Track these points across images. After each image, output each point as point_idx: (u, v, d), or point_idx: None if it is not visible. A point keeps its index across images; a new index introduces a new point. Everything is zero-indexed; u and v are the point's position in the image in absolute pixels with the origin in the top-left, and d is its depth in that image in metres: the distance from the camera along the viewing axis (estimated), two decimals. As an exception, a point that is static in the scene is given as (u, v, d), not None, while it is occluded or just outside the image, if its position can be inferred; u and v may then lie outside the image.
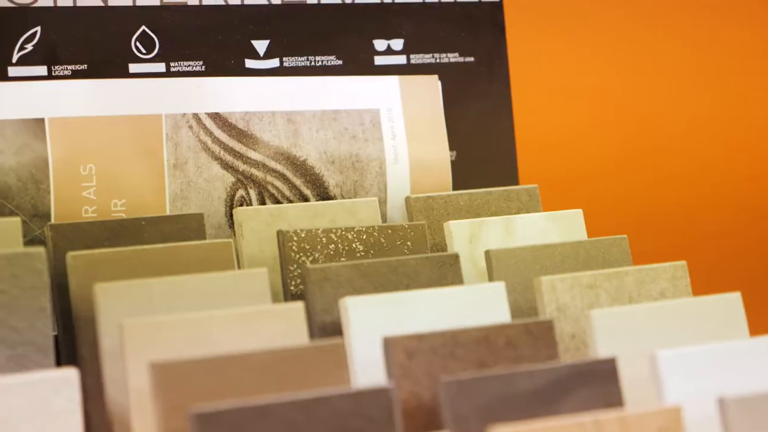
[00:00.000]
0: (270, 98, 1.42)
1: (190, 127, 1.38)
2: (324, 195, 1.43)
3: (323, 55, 1.47)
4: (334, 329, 1.19)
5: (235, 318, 1.10)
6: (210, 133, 1.39)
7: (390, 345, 1.06)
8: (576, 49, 1.70)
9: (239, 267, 1.32)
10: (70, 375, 1.00)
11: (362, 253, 1.31)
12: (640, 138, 1.73)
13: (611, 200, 1.69)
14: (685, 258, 1.29)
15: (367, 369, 1.12)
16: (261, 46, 1.45)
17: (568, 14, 1.71)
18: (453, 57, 1.54)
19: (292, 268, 1.28)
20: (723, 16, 1.78)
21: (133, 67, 1.40)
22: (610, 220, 1.61)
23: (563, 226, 1.41)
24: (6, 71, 1.36)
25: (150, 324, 1.07)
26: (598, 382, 1.04)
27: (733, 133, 1.77)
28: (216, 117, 1.39)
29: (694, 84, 1.75)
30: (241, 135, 1.40)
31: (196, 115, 1.38)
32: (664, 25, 1.75)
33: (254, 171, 1.40)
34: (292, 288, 1.28)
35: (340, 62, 1.48)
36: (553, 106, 1.69)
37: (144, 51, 1.41)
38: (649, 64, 1.74)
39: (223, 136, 1.39)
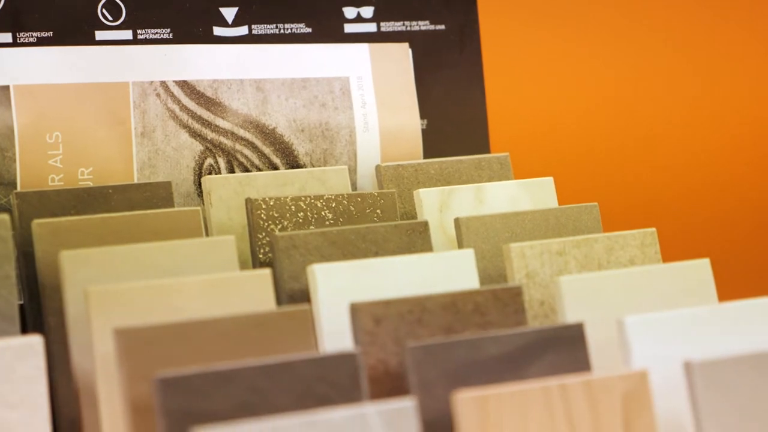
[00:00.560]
0: (238, 66, 1.41)
1: (158, 95, 1.37)
2: (293, 163, 1.42)
3: (292, 22, 1.46)
4: (303, 297, 1.18)
5: (202, 285, 1.09)
6: (178, 101, 1.38)
7: (357, 311, 1.06)
8: (548, 17, 1.69)
9: (208, 236, 1.31)
10: (35, 342, 0.99)
11: (331, 221, 1.30)
12: (611, 106, 1.72)
13: (583, 168, 1.69)
14: (656, 225, 1.29)
15: (334, 336, 1.12)
16: (229, 13, 1.44)
17: (540, -18, 1.70)
18: (424, 25, 1.53)
19: (260, 236, 1.27)
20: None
21: (100, 35, 1.39)
22: (581, 188, 1.61)
23: (534, 193, 1.40)
24: (-29, 39, 1.35)
25: (115, 291, 1.06)
26: (566, 348, 1.04)
27: (703, 99, 1.76)
28: (184, 85, 1.38)
29: (665, 51, 1.75)
30: (210, 103, 1.39)
31: (163, 83, 1.37)
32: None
33: (223, 139, 1.39)
34: (260, 256, 1.27)
35: (309, 30, 1.47)
36: (525, 74, 1.68)
37: (110, 18, 1.39)
38: (620, 31, 1.73)
39: (191, 104, 1.38)
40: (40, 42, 1.36)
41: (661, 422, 1.02)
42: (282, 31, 1.47)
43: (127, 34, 1.40)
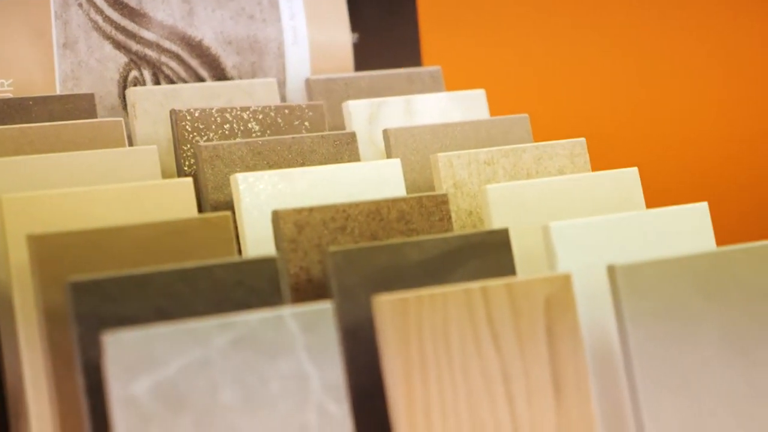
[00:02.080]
0: (163, -25, 1.38)
1: (80, 5, 1.33)
2: (221, 77, 1.39)
3: (219, -69, 1.43)
4: (227, 208, 1.16)
5: (121, 193, 1.07)
6: (101, 12, 1.34)
7: (278, 218, 1.04)
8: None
9: (132, 148, 1.28)
10: (-54, 250, 0.97)
11: (258, 134, 1.28)
12: (543, 18, 1.70)
13: (515, 81, 1.67)
14: (586, 135, 1.27)
15: (258, 246, 1.10)
16: None
17: None
18: (354, -64, 1.50)
19: (185, 149, 1.25)
20: None
21: (19, -57, 1.35)
22: (513, 101, 1.59)
23: (465, 106, 1.38)
24: None
25: (30, 198, 1.03)
26: (491, 254, 1.03)
27: (633, 8, 1.75)
28: (107, -6, 1.35)
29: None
30: (134, 14, 1.36)
31: (85, -7, 1.34)
32: None
33: (148, 51, 1.36)
34: (185, 169, 1.25)
35: (236, -61, 1.44)
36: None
37: (30, -75, 1.35)
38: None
39: (114, 15, 1.35)
40: (-44, -50, 1.32)
41: (587, 329, 1.02)
42: (208, -60, 1.43)
43: (47, -57, 1.36)
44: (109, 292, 0.89)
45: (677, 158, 1.74)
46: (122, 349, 0.83)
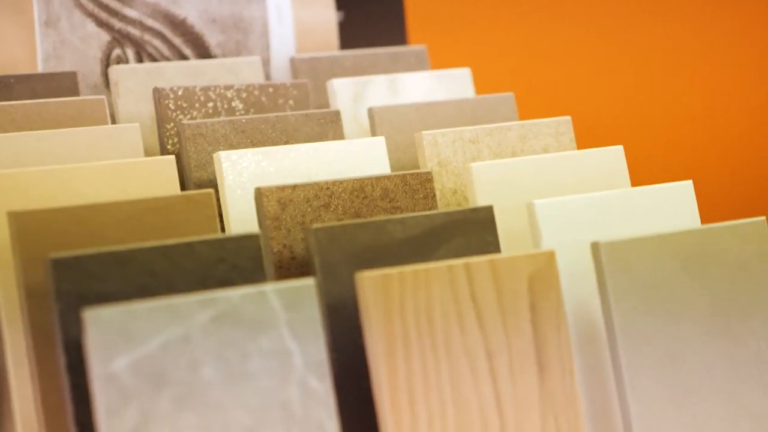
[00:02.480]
0: (146, -47, 1.37)
1: (62, -18, 1.33)
2: (205, 55, 1.39)
3: None
4: (210, 187, 1.15)
5: (103, 170, 1.06)
6: (83, -10, 1.33)
7: (261, 195, 1.03)
8: None
9: (115, 127, 1.28)
10: (-74, 228, 0.96)
11: (242, 112, 1.27)
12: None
13: (500, 60, 1.66)
14: (571, 114, 1.27)
15: (242, 225, 1.10)
16: None
17: None
18: None
19: (168, 127, 1.24)
20: None
21: None
22: (499, 80, 1.58)
23: (451, 85, 1.38)
24: None
25: (11, 175, 1.02)
26: (475, 231, 1.02)
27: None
28: (89, -28, 1.34)
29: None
30: (117, -9, 1.35)
31: (68, -30, 1.33)
32: None
33: (131, 29, 1.35)
34: (169, 147, 1.24)
35: None
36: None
37: None
38: None
39: (97, -7, 1.34)
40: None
41: (571, 306, 1.01)
42: None
43: None
44: (90, 269, 0.89)
45: (662, 137, 1.74)
46: (103, 325, 0.83)
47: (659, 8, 1.76)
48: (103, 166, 1.06)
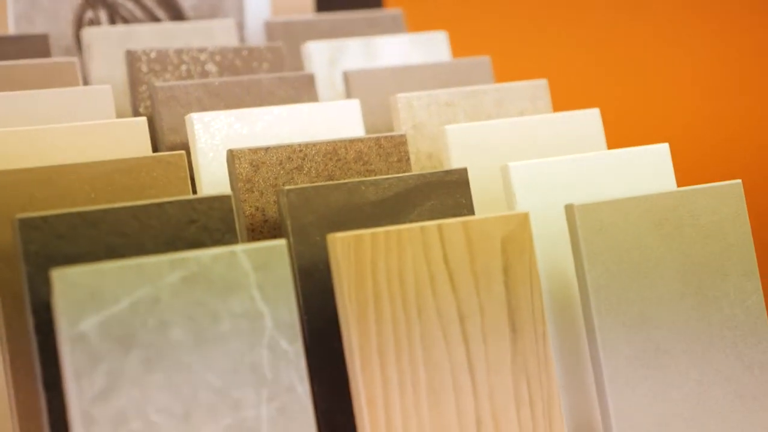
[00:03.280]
0: None
1: (34, -57, 1.31)
2: (179, 18, 1.37)
3: None
4: (183, 150, 1.14)
5: (74, 132, 1.05)
6: (55, -49, 1.32)
7: (234, 157, 1.02)
8: None
9: (87, 90, 1.26)
10: None
11: (216, 76, 1.26)
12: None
13: (476, 23, 1.65)
14: (547, 77, 1.26)
15: (214, 189, 1.08)
16: None
17: None
18: None
19: (141, 90, 1.23)
20: None
21: None
22: (475, 44, 1.57)
23: (427, 49, 1.37)
24: None
25: (-20, 137, 1.01)
26: (449, 194, 1.01)
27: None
28: (61, -67, 1.32)
29: None
30: (89, -47, 1.33)
31: (39, -69, 1.31)
32: None
33: (104, -9, 1.34)
34: (141, 110, 1.23)
35: None
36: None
37: None
38: None
39: (69, -46, 1.32)
40: None
41: (545, 268, 1.01)
42: None
43: None
44: (58, 230, 0.88)
45: (639, 100, 1.73)
46: (71, 286, 0.82)
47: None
48: (73, 127, 1.04)
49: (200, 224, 0.92)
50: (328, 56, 1.32)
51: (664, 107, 1.74)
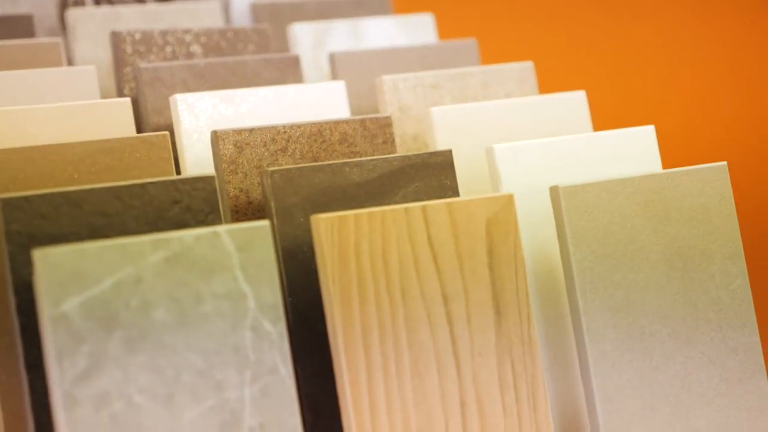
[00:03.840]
0: None
1: (18, -77, 1.30)
2: (164, -1, 1.37)
3: None
4: (168, 131, 1.14)
5: (58, 112, 1.04)
6: (39, -69, 1.31)
7: (218, 138, 1.02)
8: None
9: (71, 71, 1.25)
10: None
11: (201, 57, 1.25)
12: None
13: (464, 6, 1.65)
14: (532, 59, 1.26)
15: (198, 170, 1.08)
16: None
17: None
18: None
19: (126, 71, 1.22)
20: None
21: None
22: (462, 26, 1.57)
23: (413, 31, 1.36)
24: None
25: (-38, 117, 1.01)
26: (434, 175, 1.01)
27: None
28: None
29: None
30: (73, -67, 1.32)
31: None
32: None
33: (88, -28, 1.33)
34: (126, 92, 1.22)
35: None
36: None
37: None
38: None
39: (53, -66, 1.31)
40: None
41: (530, 250, 1.01)
42: None
43: None
44: (40, 210, 0.87)
45: (626, 82, 1.73)
46: (53, 266, 0.81)
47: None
48: (57, 108, 1.04)
49: (183, 205, 0.92)
50: (314, 38, 1.31)
51: (650, 90, 1.74)
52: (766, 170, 1.69)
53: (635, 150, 1.07)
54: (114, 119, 1.06)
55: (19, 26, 1.24)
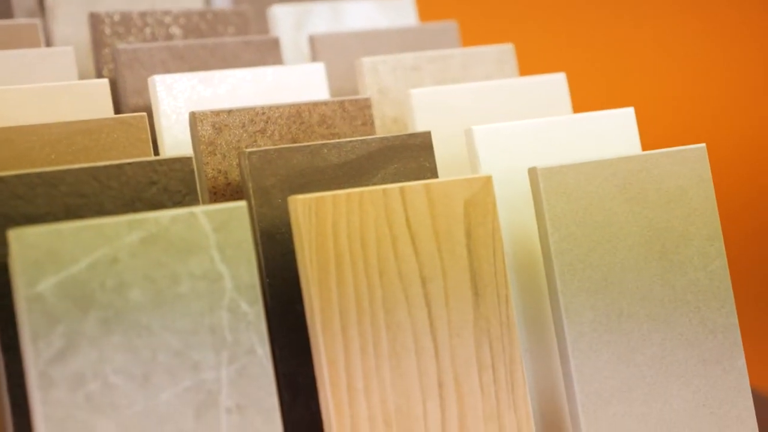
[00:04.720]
0: None
1: None
2: (144, -19, 1.36)
3: None
4: (146, 113, 1.13)
5: (34, 93, 1.03)
6: None
7: (196, 119, 1.01)
8: None
9: (50, 53, 1.25)
10: None
11: (180, 39, 1.25)
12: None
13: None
14: (512, 41, 1.26)
15: (176, 151, 1.08)
16: None
17: None
18: None
19: (104, 53, 1.22)
20: None
21: None
22: (442, 8, 1.56)
23: (394, 13, 1.36)
24: None
25: (-62, 97, 1.00)
26: (412, 157, 1.01)
27: None
28: None
29: None
30: None
31: None
32: None
33: (67, -47, 1.32)
34: (104, 73, 1.21)
35: None
36: None
37: None
38: None
39: None
40: None
41: (508, 232, 1.00)
42: None
43: None
44: (16, 191, 0.87)
45: (604, 64, 1.73)
46: (28, 246, 0.81)
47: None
48: (34, 88, 1.03)
49: (161, 186, 0.91)
50: (294, 20, 1.31)
51: (629, 72, 1.74)
52: (744, 152, 1.69)
53: (615, 132, 1.07)
54: (92, 100, 1.05)
55: (-4, 7, 1.24)
